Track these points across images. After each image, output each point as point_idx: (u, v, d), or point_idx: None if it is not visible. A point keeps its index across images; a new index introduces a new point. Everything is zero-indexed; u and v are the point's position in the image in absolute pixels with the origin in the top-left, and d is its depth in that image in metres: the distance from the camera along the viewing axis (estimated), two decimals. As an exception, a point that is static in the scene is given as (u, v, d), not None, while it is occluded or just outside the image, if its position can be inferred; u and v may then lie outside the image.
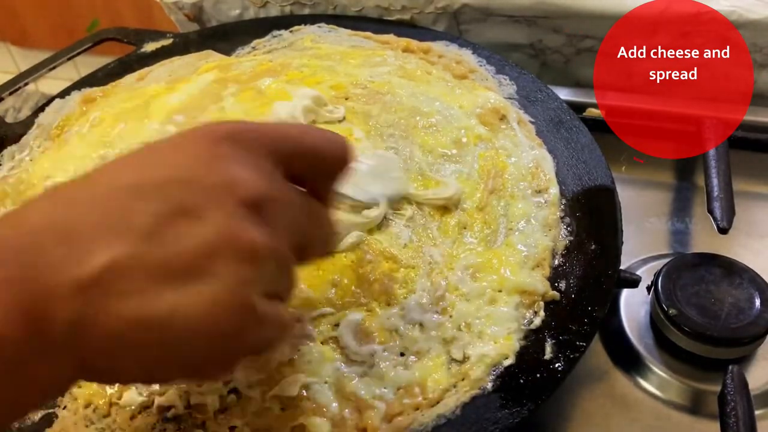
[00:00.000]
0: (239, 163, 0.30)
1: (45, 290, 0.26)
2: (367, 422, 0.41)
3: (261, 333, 0.31)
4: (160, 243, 0.27)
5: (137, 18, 1.55)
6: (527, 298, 0.47)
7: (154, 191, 0.28)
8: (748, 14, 0.64)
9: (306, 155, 0.34)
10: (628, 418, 0.49)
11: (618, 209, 0.52)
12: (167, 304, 0.27)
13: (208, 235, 0.28)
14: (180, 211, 0.28)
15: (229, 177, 0.29)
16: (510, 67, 0.66)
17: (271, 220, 0.30)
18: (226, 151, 0.30)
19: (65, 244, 0.27)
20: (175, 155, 0.30)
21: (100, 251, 0.27)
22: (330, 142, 0.35)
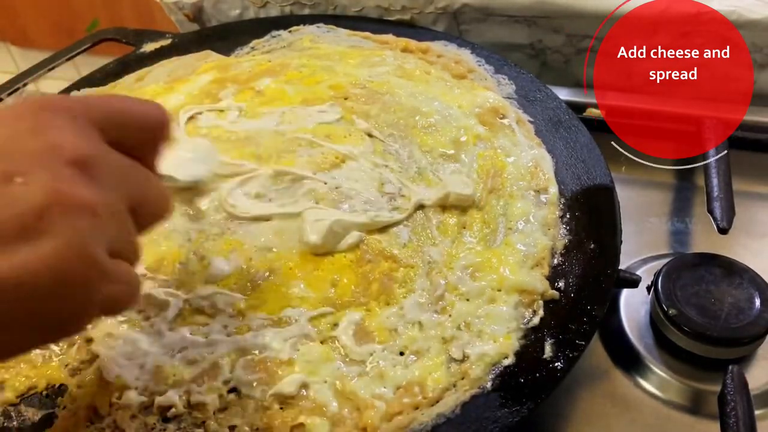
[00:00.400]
0: (60, 128, 0.31)
1: None
2: (367, 421, 0.41)
3: (108, 288, 0.31)
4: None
5: (137, 18, 1.55)
6: (527, 298, 0.47)
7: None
8: (748, 14, 0.64)
9: (124, 122, 0.35)
10: (628, 418, 0.49)
11: (617, 208, 0.52)
12: (6, 263, 0.27)
13: (36, 196, 0.28)
14: (7, 177, 0.28)
15: (52, 141, 0.30)
16: (509, 67, 0.66)
17: (100, 179, 0.31)
18: (46, 119, 0.31)
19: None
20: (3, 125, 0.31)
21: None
22: (145, 107, 0.36)
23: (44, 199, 0.28)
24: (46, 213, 0.28)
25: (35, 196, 0.28)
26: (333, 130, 0.58)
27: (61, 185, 0.29)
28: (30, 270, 0.28)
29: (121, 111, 0.35)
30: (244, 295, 0.47)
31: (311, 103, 0.60)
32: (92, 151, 0.31)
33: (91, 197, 0.30)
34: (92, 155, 0.31)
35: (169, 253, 0.49)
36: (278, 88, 0.63)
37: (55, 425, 0.43)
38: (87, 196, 0.30)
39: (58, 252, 0.28)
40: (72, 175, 0.30)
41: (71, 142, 0.30)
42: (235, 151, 0.56)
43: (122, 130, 0.34)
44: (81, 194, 0.29)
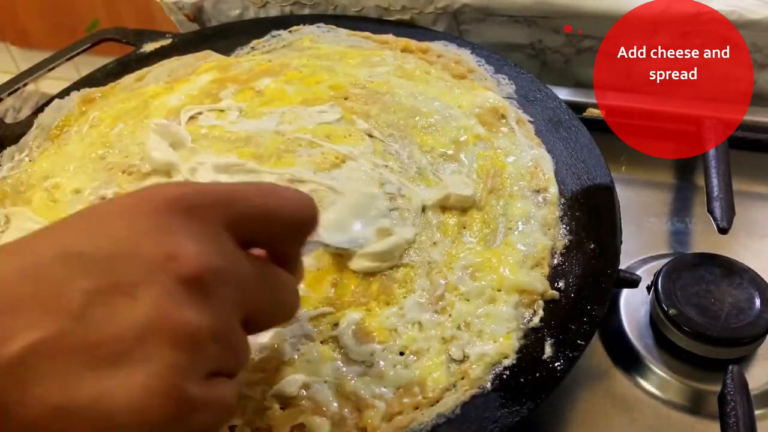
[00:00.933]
0: (183, 234, 0.28)
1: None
2: (367, 421, 0.41)
3: (197, 419, 0.28)
4: (89, 323, 0.26)
5: (137, 18, 1.55)
6: (526, 298, 0.47)
7: (87, 265, 0.26)
8: (748, 14, 0.64)
9: (264, 218, 0.32)
10: (628, 418, 0.49)
11: (617, 208, 0.52)
12: (92, 390, 0.25)
13: (140, 316, 0.26)
14: (113, 289, 0.26)
15: (170, 250, 0.27)
16: (509, 67, 0.66)
17: (215, 296, 0.28)
18: (169, 221, 0.28)
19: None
20: (114, 225, 0.28)
21: (24, 331, 0.25)
22: (293, 202, 0.33)
23: (148, 322, 0.26)
24: (144, 338, 0.26)
25: (140, 317, 0.26)
26: (333, 130, 0.58)
27: (169, 309, 0.26)
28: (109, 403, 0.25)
29: (264, 209, 0.31)
30: (244, 295, 0.47)
31: (311, 103, 0.60)
32: (212, 265, 0.28)
33: (198, 324, 0.27)
34: (212, 269, 0.28)
35: (169, 253, 0.49)
36: (278, 88, 0.63)
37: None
38: (194, 323, 0.27)
39: (147, 385, 0.26)
40: (183, 295, 0.27)
41: (192, 253, 0.28)
42: (235, 151, 0.56)
43: (262, 228, 0.32)
44: (188, 321, 0.27)
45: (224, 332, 0.29)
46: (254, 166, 0.54)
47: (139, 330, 0.26)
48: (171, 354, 0.26)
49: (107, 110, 0.64)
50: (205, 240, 0.28)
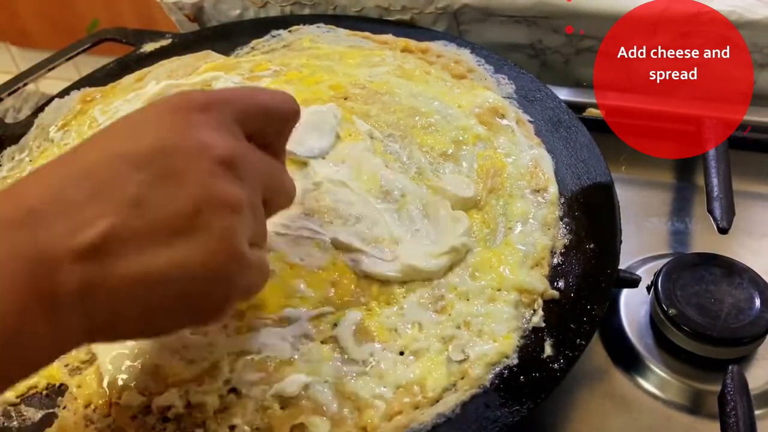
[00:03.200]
0: (211, 128, 0.33)
1: (50, 261, 0.28)
2: (367, 421, 0.41)
3: (250, 276, 0.34)
4: (150, 207, 0.30)
5: (137, 18, 1.55)
6: (526, 297, 0.47)
7: (138, 159, 0.31)
8: (748, 14, 0.64)
9: (260, 114, 0.37)
10: (628, 418, 0.49)
11: (617, 208, 0.52)
12: (165, 258, 0.30)
13: (192, 194, 0.31)
14: (164, 176, 0.31)
15: (204, 141, 0.32)
16: (508, 67, 0.66)
17: (243, 176, 0.33)
18: (198, 119, 0.33)
19: (63, 217, 0.29)
20: (153, 125, 0.33)
21: (96, 221, 0.29)
22: (281, 98, 0.39)
23: (197, 199, 0.31)
24: (200, 211, 0.31)
25: (191, 195, 0.31)
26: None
27: (212, 184, 0.31)
28: (186, 265, 0.30)
29: (258, 104, 0.37)
30: (244, 295, 0.47)
31: (311, 103, 0.60)
32: (237, 150, 0.33)
33: (237, 195, 0.32)
34: (237, 154, 0.33)
35: (169, 253, 0.49)
36: (278, 89, 0.63)
37: (55, 425, 0.43)
38: (234, 194, 0.32)
39: (211, 248, 0.31)
40: (221, 174, 0.32)
41: (218, 142, 0.33)
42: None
43: (259, 122, 0.37)
44: (230, 193, 0.32)
45: (255, 204, 0.35)
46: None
47: (193, 205, 0.31)
48: (224, 220, 0.31)
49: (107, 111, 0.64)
50: (226, 132, 0.34)
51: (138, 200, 0.30)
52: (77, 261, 0.29)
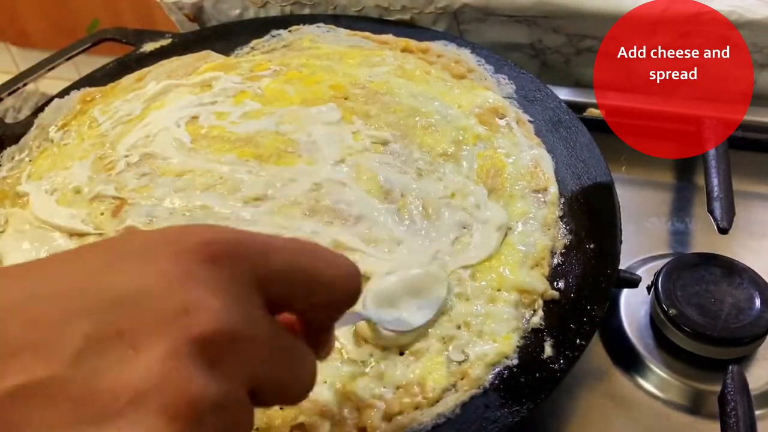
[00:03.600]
0: (204, 287, 0.25)
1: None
2: (367, 421, 0.41)
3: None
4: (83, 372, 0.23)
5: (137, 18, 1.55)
6: (526, 297, 0.47)
7: (91, 305, 0.24)
8: (748, 14, 0.64)
9: (303, 281, 0.28)
10: (628, 418, 0.49)
11: (617, 208, 0.52)
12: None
13: (138, 375, 0.23)
14: (115, 338, 0.24)
15: (186, 303, 0.25)
16: (509, 67, 0.66)
17: (226, 363, 0.25)
18: (192, 268, 0.25)
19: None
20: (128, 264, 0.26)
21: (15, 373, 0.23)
22: (338, 268, 0.29)
23: (144, 383, 0.23)
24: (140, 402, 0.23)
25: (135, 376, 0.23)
26: (333, 130, 0.58)
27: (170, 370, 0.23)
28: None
29: (305, 270, 0.28)
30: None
31: (311, 103, 0.60)
32: (230, 327, 0.25)
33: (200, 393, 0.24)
34: (228, 332, 0.25)
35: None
36: (278, 88, 0.63)
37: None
38: (196, 391, 0.24)
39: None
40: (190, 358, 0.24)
41: (211, 311, 0.25)
42: (235, 151, 0.56)
43: (298, 292, 0.29)
44: (189, 388, 0.23)
45: (228, 405, 0.25)
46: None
47: (134, 390, 0.23)
48: (162, 425, 0.23)
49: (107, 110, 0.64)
50: (230, 297, 0.26)
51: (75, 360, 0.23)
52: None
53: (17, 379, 0.23)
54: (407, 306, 0.44)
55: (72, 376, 0.23)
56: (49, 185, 0.57)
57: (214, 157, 0.55)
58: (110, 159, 0.57)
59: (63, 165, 0.59)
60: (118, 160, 0.57)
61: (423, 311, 0.44)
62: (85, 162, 0.58)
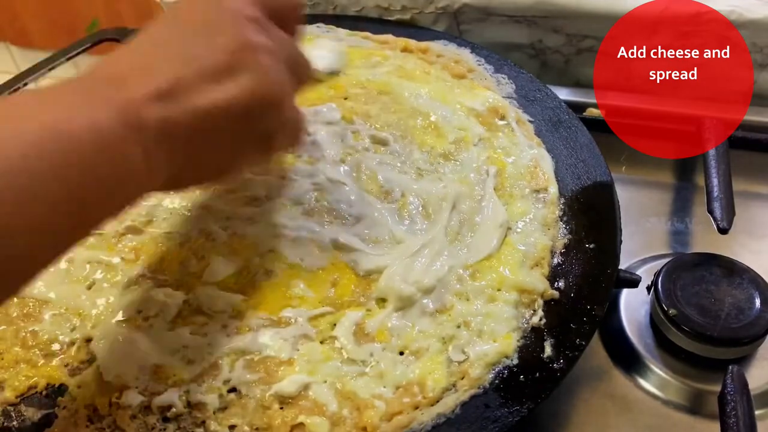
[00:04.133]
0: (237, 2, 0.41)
1: (134, 102, 0.35)
2: (367, 421, 0.41)
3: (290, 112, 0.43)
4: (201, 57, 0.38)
5: (137, 18, 1.55)
6: (526, 297, 0.47)
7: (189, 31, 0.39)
8: (748, 14, 0.64)
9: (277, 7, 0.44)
10: (628, 418, 0.49)
11: (617, 208, 0.52)
12: (221, 94, 0.37)
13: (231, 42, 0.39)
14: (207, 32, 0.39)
15: (233, 6, 0.40)
16: (508, 67, 0.66)
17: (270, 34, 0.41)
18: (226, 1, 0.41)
19: (143, 73, 0.37)
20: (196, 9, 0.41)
21: (168, 73, 0.37)
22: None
23: (238, 44, 0.39)
24: (241, 54, 0.39)
25: (231, 43, 0.39)
26: (333, 130, 0.58)
27: (247, 34, 0.39)
28: (239, 95, 0.38)
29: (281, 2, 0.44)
30: (244, 295, 0.47)
31: (311, 103, 0.60)
32: (261, 18, 0.41)
33: (269, 43, 0.40)
34: (263, 19, 0.41)
35: (169, 253, 0.49)
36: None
37: (54, 425, 0.43)
38: (267, 42, 0.40)
39: (257, 80, 0.39)
40: (253, 28, 0.40)
41: (247, 7, 0.40)
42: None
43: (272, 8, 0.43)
44: (263, 40, 0.40)
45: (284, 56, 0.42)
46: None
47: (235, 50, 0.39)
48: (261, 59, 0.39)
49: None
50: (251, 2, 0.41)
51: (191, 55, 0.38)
52: (153, 101, 0.35)
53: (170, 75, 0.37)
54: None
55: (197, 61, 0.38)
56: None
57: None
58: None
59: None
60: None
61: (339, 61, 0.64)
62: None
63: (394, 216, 0.51)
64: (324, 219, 0.51)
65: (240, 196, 0.52)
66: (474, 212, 0.52)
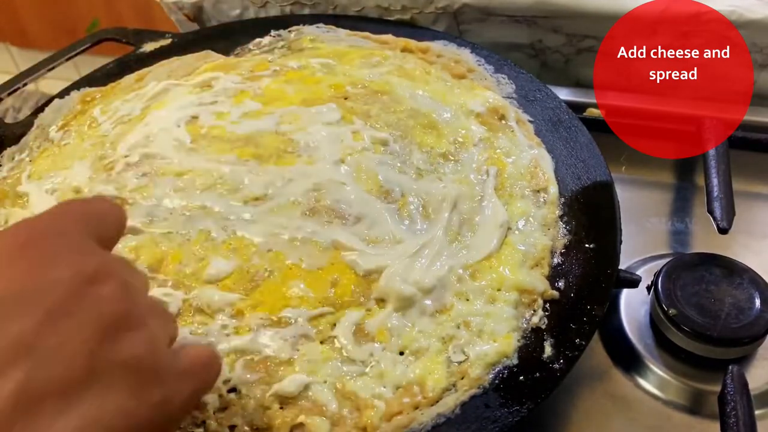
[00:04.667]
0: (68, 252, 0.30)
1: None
2: (367, 421, 0.41)
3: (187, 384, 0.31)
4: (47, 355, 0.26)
5: (137, 18, 1.55)
6: (526, 297, 0.47)
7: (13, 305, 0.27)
8: (748, 14, 0.64)
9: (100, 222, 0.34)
10: (628, 418, 0.49)
11: (617, 208, 0.52)
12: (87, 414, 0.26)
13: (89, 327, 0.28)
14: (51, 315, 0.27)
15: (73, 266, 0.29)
16: (508, 67, 0.66)
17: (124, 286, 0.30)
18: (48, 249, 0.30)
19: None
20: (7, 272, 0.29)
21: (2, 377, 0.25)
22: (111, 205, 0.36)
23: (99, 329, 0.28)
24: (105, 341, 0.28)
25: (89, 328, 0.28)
26: (333, 130, 0.58)
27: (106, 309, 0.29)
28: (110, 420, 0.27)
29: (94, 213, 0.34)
30: (244, 295, 0.47)
31: (311, 103, 0.60)
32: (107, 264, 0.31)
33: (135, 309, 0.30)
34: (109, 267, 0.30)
35: (169, 253, 0.49)
36: (278, 88, 0.63)
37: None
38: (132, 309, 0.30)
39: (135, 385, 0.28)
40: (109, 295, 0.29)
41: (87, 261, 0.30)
42: (236, 151, 0.56)
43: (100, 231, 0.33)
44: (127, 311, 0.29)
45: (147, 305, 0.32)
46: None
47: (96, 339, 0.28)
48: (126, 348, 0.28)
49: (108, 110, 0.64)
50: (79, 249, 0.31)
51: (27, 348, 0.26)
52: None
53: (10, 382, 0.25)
54: None
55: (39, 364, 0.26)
56: (49, 185, 0.57)
57: (214, 157, 0.55)
58: (110, 159, 0.57)
59: (63, 165, 0.59)
60: (118, 160, 0.57)
61: None
62: (85, 162, 0.58)
63: (394, 216, 0.51)
64: (324, 219, 0.51)
65: (240, 196, 0.52)
66: (474, 212, 0.52)
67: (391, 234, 0.50)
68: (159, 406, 0.29)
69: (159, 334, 0.31)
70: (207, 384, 0.34)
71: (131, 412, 0.28)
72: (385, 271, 0.47)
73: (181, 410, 0.31)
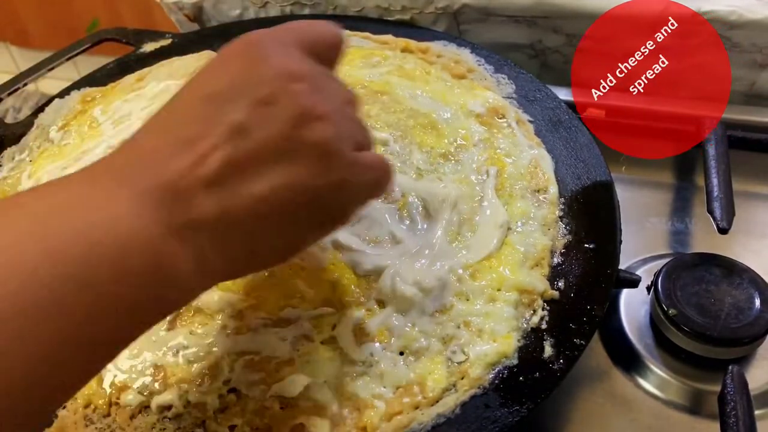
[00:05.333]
0: (279, 56, 0.35)
1: (183, 193, 0.31)
2: (367, 421, 0.41)
3: (366, 176, 0.36)
4: (254, 133, 0.32)
5: (137, 18, 1.55)
6: (526, 297, 0.47)
7: (231, 95, 0.33)
8: (748, 14, 0.64)
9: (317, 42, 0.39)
10: (628, 418, 0.49)
11: (617, 208, 0.52)
12: (281, 178, 0.33)
13: (283, 115, 0.33)
14: (258, 103, 0.33)
15: (277, 67, 0.34)
16: (508, 67, 0.66)
17: (322, 90, 0.35)
18: (262, 50, 0.35)
19: (180, 155, 0.32)
20: (230, 67, 0.35)
21: (213, 153, 0.32)
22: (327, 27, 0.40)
23: (292, 116, 0.33)
24: (297, 130, 0.33)
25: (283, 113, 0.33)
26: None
27: (301, 101, 0.33)
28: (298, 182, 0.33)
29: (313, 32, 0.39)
30: (244, 295, 0.47)
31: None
32: (309, 70, 0.35)
33: (325, 107, 0.34)
34: (311, 73, 0.35)
35: (169, 253, 0.49)
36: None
37: (54, 425, 0.43)
38: (323, 107, 0.34)
39: (315, 162, 0.33)
40: (305, 92, 0.34)
41: (292, 61, 0.35)
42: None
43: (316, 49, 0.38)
44: (318, 106, 0.34)
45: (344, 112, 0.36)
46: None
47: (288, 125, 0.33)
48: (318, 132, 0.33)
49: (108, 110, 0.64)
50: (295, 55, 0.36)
51: (243, 128, 0.32)
52: (209, 189, 0.31)
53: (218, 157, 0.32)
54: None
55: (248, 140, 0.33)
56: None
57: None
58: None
59: (63, 165, 0.59)
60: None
61: None
62: (85, 162, 0.58)
63: (394, 216, 0.51)
64: (324, 219, 0.50)
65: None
66: (474, 212, 0.52)
67: (391, 234, 0.50)
68: (337, 186, 0.34)
69: (345, 133, 0.35)
70: (383, 180, 0.38)
71: (313, 184, 0.33)
72: (385, 271, 0.47)
73: (356, 195, 0.37)
